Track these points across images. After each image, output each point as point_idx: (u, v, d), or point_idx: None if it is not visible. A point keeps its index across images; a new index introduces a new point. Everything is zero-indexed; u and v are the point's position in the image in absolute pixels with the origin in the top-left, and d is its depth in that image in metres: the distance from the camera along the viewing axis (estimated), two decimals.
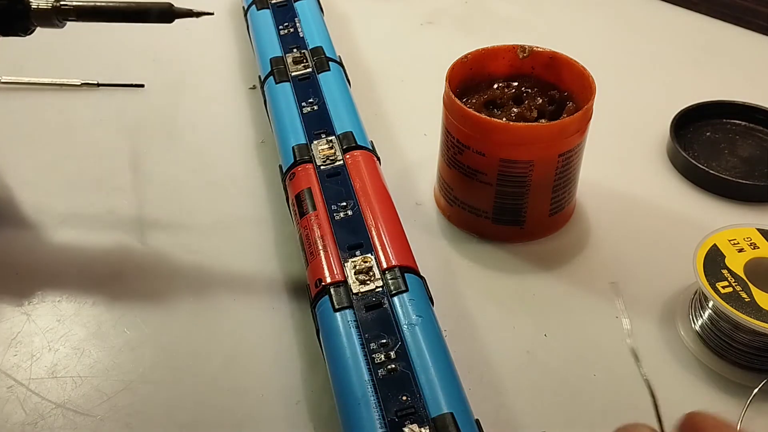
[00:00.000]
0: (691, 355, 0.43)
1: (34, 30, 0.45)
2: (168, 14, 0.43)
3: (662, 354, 0.43)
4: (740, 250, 0.43)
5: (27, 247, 0.50)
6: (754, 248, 0.43)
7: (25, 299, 0.46)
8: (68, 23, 0.45)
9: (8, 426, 0.40)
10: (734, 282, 0.41)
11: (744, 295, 0.40)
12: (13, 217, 0.52)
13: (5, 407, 0.40)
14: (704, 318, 0.43)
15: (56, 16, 0.44)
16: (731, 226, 0.44)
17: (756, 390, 0.40)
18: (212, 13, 0.43)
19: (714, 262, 0.42)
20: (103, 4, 0.44)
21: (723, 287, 0.41)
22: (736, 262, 0.42)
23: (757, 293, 0.40)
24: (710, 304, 0.42)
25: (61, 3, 0.44)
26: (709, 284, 0.41)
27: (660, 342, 0.44)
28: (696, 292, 0.44)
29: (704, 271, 0.41)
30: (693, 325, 0.44)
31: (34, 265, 0.49)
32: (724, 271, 0.41)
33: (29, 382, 0.42)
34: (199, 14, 0.43)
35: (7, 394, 0.41)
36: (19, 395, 0.41)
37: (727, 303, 0.40)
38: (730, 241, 0.43)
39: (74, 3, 0.44)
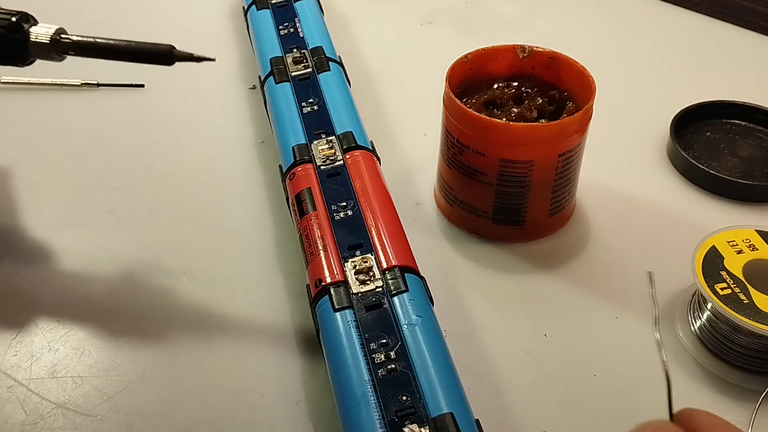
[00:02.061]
0: (689, 357, 0.43)
1: (33, 62, 0.45)
2: (168, 57, 0.42)
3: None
4: (739, 252, 0.43)
5: (26, 247, 0.50)
6: (753, 250, 0.43)
7: (25, 299, 0.46)
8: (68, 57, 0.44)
9: (8, 426, 0.40)
10: (733, 284, 0.41)
11: (743, 297, 0.40)
12: (13, 217, 0.52)
13: (5, 407, 0.41)
14: (703, 319, 0.43)
15: (55, 50, 0.43)
16: (730, 227, 0.44)
17: (765, 393, 0.40)
18: (213, 59, 0.42)
19: (713, 264, 0.42)
20: (103, 41, 0.42)
21: (722, 289, 0.41)
22: (734, 264, 0.42)
23: (755, 295, 0.40)
24: (709, 305, 0.42)
25: (61, 36, 0.43)
26: (708, 286, 0.41)
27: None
28: (695, 293, 0.44)
29: (703, 273, 0.42)
30: (692, 326, 0.44)
31: (34, 264, 0.49)
32: (723, 273, 0.41)
33: (29, 382, 0.42)
34: (199, 59, 0.41)
35: (7, 394, 0.41)
36: (19, 395, 0.41)
37: (725, 305, 0.40)
38: (728, 242, 0.43)
39: (74, 38, 0.43)
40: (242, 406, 0.41)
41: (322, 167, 0.47)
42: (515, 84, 0.51)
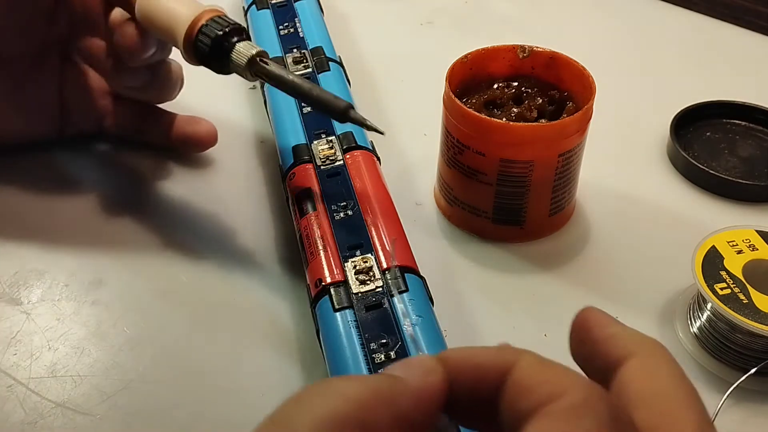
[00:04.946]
0: (689, 357, 0.43)
1: (231, 72, 0.45)
2: (342, 115, 0.41)
3: None
4: (739, 252, 0.43)
5: (25, 246, 0.50)
6: (753, 250, 0.43)
7: (25, 298, 0.46)
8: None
9: (8, 425, 0.40)
10: (732, 284, 0.41)
11: (742, 297, 0.40)
12: (12, 215, 0.52)
13: (5, 406, 0.40)
14: (702, 320, 0.43)
15: (249, 70, 0.43)
16: (730, 227, 0.44)
17: (734, 385, 0.40)
18: (383, 133, 0.41)
19: (712, 264, 0.42)
20: (291, 78, 0.42)
21: (721, 289, 0.41)
22: (734, 264, 0.42)
23: (755, 295, 0.40)
24: (708, 305, 0.42)
25: (259, 59, 0.43)
26: (708, 286, 0.41)
27: None
28: (694, 293, 0.44)
29: (703, 273, 0.42)
30: (691, 326, 0.44)
31: (33, 263, 0.49)
32: (723, 273, 0.42)
33: (29, 381, 0.42)
34: (369, 128, 0.41)
35: (7, 393, 0.41)
36: (18, 394, 0.41)
37: (725, 305, 0.40)
38: (728, 242, 0.43)
39: (269, 66, 0.43)
40: (242, 406, 0.41)
41: (322, 167, 0.47)
42: (515, 84, 0.51)
